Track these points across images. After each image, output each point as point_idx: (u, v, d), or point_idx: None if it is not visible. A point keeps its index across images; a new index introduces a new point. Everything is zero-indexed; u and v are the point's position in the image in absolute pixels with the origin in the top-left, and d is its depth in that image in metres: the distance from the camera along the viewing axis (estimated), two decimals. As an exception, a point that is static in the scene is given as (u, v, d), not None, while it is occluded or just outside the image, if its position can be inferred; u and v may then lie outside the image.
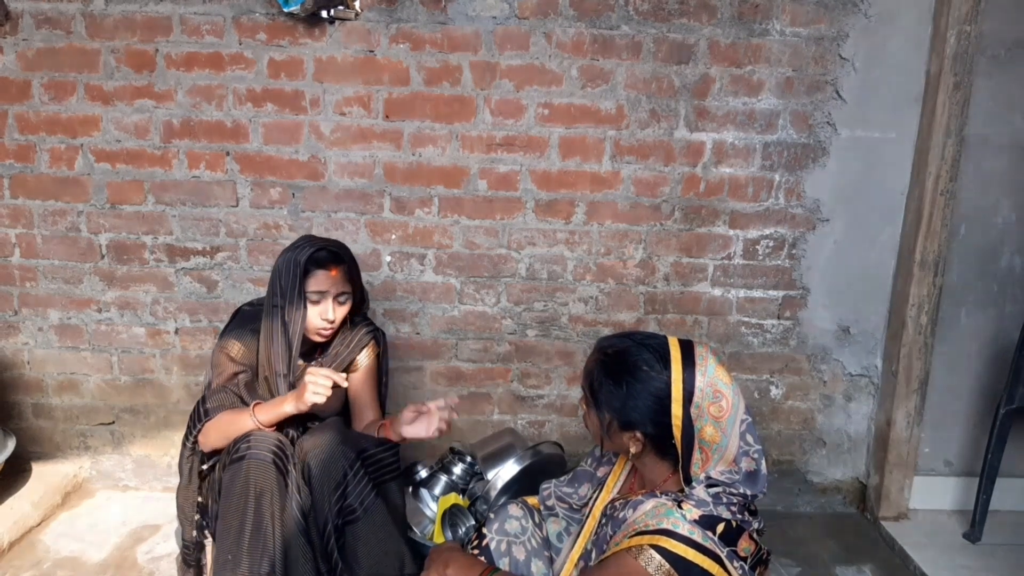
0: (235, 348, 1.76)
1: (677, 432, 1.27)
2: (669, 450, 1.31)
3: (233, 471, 1.58)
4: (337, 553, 1.65)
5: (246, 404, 1.73)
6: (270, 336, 1.76)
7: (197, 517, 1.74)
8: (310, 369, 1.64)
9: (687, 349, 1.30)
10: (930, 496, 2.37)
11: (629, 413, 1.30)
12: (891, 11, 2.15)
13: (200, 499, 1.75)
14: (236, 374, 1.75)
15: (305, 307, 1.74)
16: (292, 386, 1.77)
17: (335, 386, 1.63)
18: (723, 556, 1.17)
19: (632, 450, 1.33)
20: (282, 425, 1.69)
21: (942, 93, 2.12)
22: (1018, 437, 2.20)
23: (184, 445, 1.76)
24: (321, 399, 1.60)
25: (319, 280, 1.74)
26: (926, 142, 2.18)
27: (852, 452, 2.46)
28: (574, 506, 1.60)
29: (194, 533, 1.75)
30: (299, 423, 1.76)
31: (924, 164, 2.18)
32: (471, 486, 2.15)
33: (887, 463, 2.33)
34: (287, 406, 1.65)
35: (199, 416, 1.71)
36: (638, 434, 1.31)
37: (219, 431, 1.67)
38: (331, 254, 1.76)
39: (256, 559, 1.54)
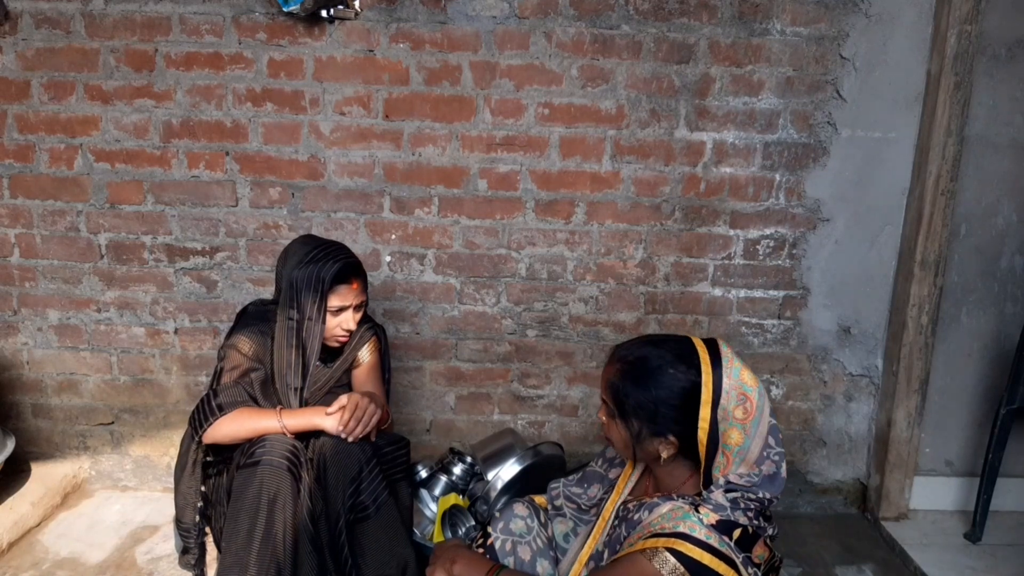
0: (247, 346, 1.73)
1: (703, 435, 1.24)
2: (693, 453, 1.29)
3: (246, 475, 1.56)
4: (350, 553, 1.65)
5: (257, 403, 1.71)
6: (283, 348, 1.73)
7: (201, 505, 1.72)
8: (359, 401, 1.66)
9: (713, 349, 1.28)
10: (931, 496, 2.37)
11: (659, 418, 1.27)
12: (891, 11, 2.15)
13: (204, 488, 1.73)
14: (248, 371, 1.71)
15: (325, 322, 1.73)
16: (304, 400, 1.77)
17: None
18: (739, 562, 1.15)
19: (664, 455, 1.29)
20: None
21: (943, 93, 2.12)
22: (1019, 437, 2.20)
23: (192, 438, 1.72)
24: (361, 434, 1.65)
25: (343, 295, 1.73)
26: (927, 142, 2.17)
27: (853, 452, 2.45)
28: (583, 507, 1.59)
29: (196, 518, 1.73)
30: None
31: (925, 164, 2.18)
32: (471, 486, 2.15)
33: (887, 463, 2.33)
34: (319, 420, 1.65)
35: (211, 410, 1.65)
36: (670, 437, 1.28)
37: (234, 427, 1.64)
38: (352, 266, 1.74)
39: (264, 565, 1.53)
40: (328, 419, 1.64)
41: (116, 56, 2.13)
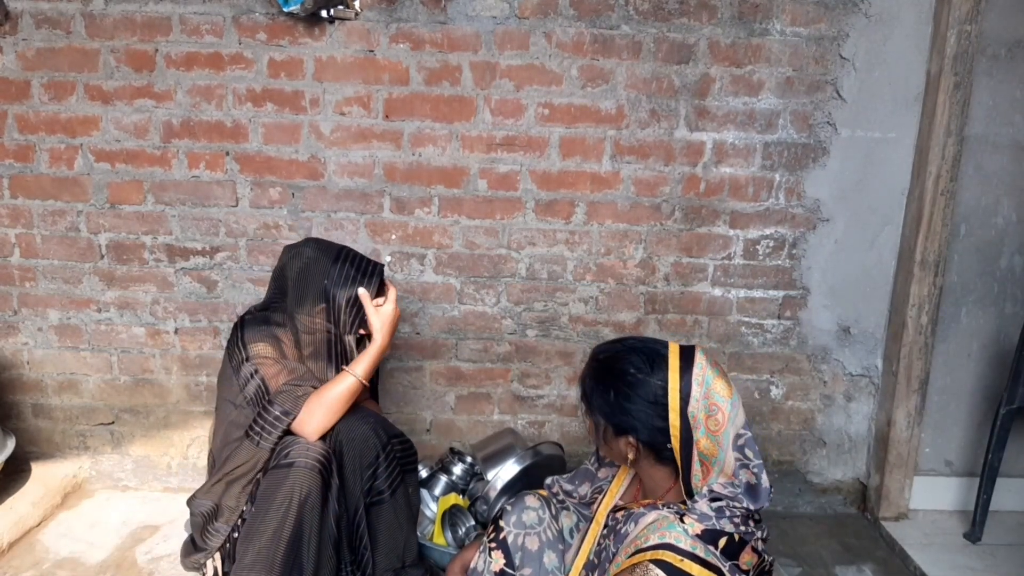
0: (270, 350, 1.69)
1: (675, 442, 1.25)
2: (666, 457, 1.30)
3: (278, 476, 1.57)
4: (367, 537, 1.69)
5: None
6: (319, 359, 1.77)
7: (247, 506, 1.68)
8: (392, 311, 1.76)
9: (687, 357, 1.29)
10: (930, 496, 2.37)
11: (619, 417, 1.30)
12: (891, 11, 2.15)
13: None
14: (292, 371, 1.69)
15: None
16: None
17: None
18: (725, 570, 1.16)
19: (628, 456, 1.32)
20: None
21: (942, 93, 2.12)
22: (1018, 437, 2.21)
23: (257, 445, 1.66)
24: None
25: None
26: (926, 142, 2.17)
27: (852, 452, 2.46)
28: (581, 501, 1.60)
29: (239, 521, 1.69)
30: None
31: (924, 164, 2.18)
32: (471, 486, 2.15)
33: (887, 463, 2.33)
34: (384, 350, 1.75)
35: (275, 419, 1.62)
36: (631, 439, 1.30)
37: (324, 413, 1.64)
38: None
39: (290, 564, 1.54)
40: (377, 346, 1.73)
41: (116, 56, 2.13)
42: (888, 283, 2.33)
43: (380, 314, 1.74)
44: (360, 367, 1.70)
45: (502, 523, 1.53)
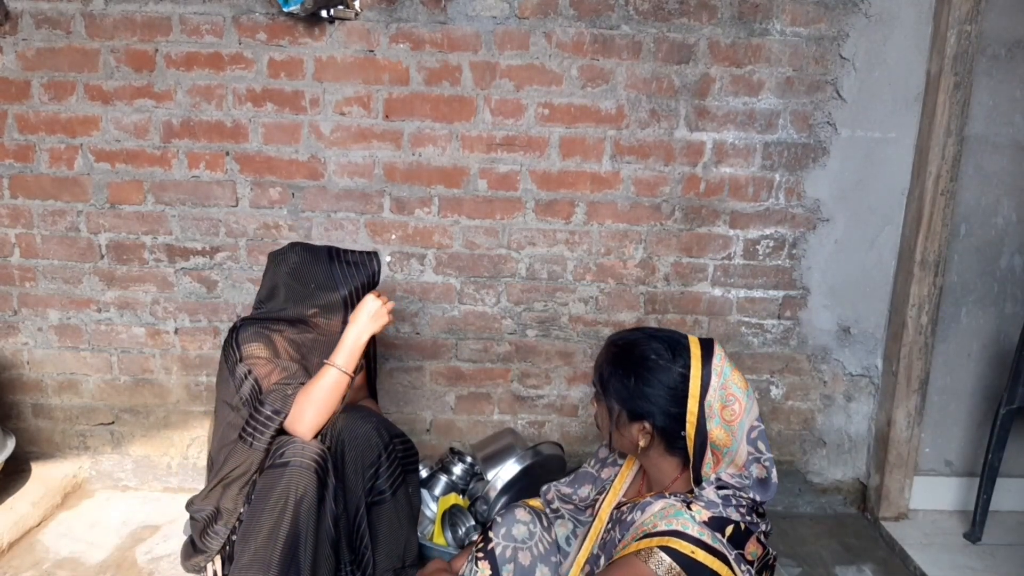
0: (263, 351, 1.69)
1: (691, 428, 1.26)
2: (677, 446, 1.30)
3: (274, 475, 1.56)
4: (368, 537, 1.69)
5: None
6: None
7: (243, 511, 1.68)
8: (371, 301, 1.70)
9: (707, 348, 1.31)
10: (930, 496, 2.37)
11: (637, 402, 1.30)
12: (891, 11, 2.15)
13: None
14: (284, 370, 1.68)
15: None
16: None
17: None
18: (731, 559, 1.16)
19: (641, 443, 1.32)
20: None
21: (942, 93, 2.12)
22: (1018, 437, 2.20)
23: (251, 447, 1.66)
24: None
25: None
26: (926, 142, 2.17)
27: (852, 452, 2.46)
28: (578, 506, 1.60)
29: (237, 524, 1.69)
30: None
31: (924, 164, 2.18)
32: (471, 486, 2.15)
33: (887, 463, 2.33)
34: (360, 337, 1.67)
35: (267, 418, 1.62)
36: (646, 425, 1.30)
37: (314, 409, 1.61)
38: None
39: (287, 564, 1.54)
40: (364, 332, 1.67)
41: (116, 56, 2.13)
42: (888, 283, 2.33)
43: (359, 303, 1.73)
44: (339, 356, 1.65)
45: (491, 534, 1.52)
